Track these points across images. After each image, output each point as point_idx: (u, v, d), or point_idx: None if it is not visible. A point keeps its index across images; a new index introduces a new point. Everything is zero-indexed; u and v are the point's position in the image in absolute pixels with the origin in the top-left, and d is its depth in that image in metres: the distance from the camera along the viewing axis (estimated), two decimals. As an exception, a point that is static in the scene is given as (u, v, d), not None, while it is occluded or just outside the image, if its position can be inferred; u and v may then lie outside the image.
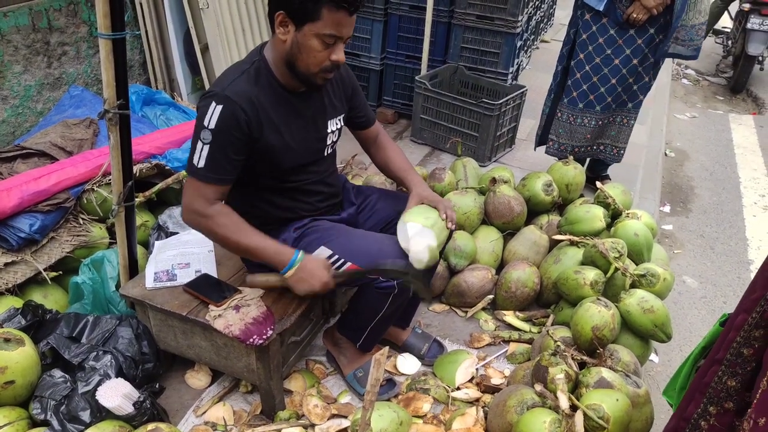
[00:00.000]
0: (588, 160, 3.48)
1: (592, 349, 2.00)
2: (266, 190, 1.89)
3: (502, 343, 2.38)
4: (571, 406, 1.68)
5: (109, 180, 2.33)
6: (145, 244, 2.49)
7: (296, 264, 1.75)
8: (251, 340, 1.78)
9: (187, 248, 2.14)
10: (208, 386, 2.11)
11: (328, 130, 1.92)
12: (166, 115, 3.10)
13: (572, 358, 1.92)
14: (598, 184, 2.72)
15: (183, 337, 1.98)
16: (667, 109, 5.34)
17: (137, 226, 2.11)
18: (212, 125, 1.65)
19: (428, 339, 2.30)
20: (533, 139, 3.57)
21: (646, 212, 2.63)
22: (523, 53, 4.68)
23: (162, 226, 2.47)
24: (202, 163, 1.68)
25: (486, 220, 2.74)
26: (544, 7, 5.65)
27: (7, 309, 2.00)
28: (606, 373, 1.79)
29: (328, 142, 1.95)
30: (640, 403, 1.78)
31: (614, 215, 2.64)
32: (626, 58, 2.96)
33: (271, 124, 1.75)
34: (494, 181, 2.76)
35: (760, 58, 6.17)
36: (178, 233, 2.35)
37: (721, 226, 3.85)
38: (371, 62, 4.17)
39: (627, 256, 2.34)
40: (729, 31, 6.93)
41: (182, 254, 2.11)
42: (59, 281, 2.32)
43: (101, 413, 1.75)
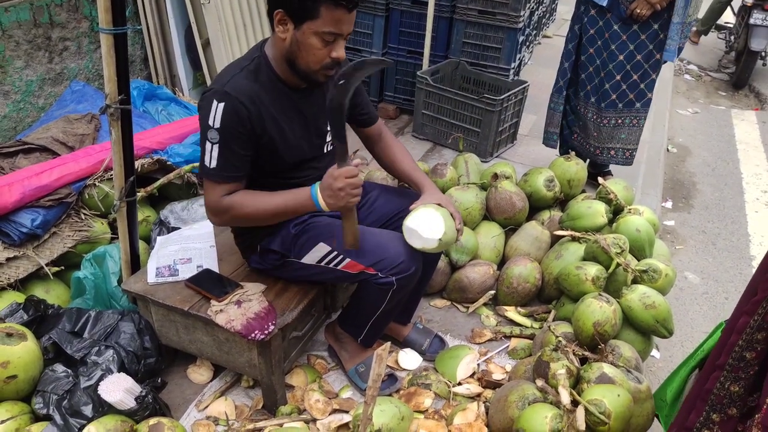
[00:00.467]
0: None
1: (594, 344, 2.00)
2: (267, 187, 1.88)
3: (503, 338, 2.38)
4: (573, 401, 1.68)
5: (111, 175, 2.35)
6: (146, 240, 2.49)
7: (317, 194, 1.71)
8: (253, 335, 1.79)
9: (189, 243, 2.15)
10: (210, 381, 2.11)
11: (327, 127, 1.91)
12: (168, 110, 3.09)
13: (573, 353, 1.92)
14: (600, 179, 2.71)
15: (185, 332, 1.98)
16: (669, 104, 5.32)
17: (139, 222, 2.11)
18: (217, 124, 1.65)
19: (429, 334, 2.31)
20: (535, 134, 3.56)
21: (648, 208, 2.63)
22: (525, 48, 4.67)
23: (164, 221, 2.47)
24: (214, 164, 1.68)
25: (487, 215, 2.74)
26: (546, 2, 5.64)
27: (9, 304, 2.00)
28: (607, 368, 1.80)
29: (328, 139, 1.94)
30: (641, 399, 1.79)
31: (616, 211, 2.64)
32: (630, 54, 2.95)
33: (272, 119, 1.74)
34: (496, 176, 2.76)
35: (763, 54, 6.15)
36: (179, 228, 2.35)
37: (723, 221, 3.84)
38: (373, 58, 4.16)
39: (629, 252, 2.34)
40: (731, 26, 6.90)
41: (184, 249, 2.11)
42: (61, 276, 2.32)
43: (103, 408, 1.75)
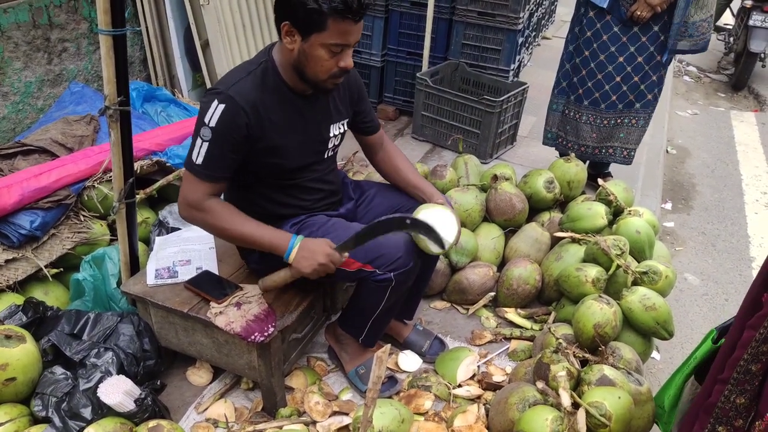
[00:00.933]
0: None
1: (594, 346, 1.99)
2: (265, 187, 1.89)
3: (503, 340, 2.38)
4: (573, 403, 1.67)
5: (110, 177, 2.34)
6: (146, 241, 2.48)
7: (296, 245, 1.74)
8: (252, 337, 1.78)
9: (188, 245, 2.14)
10: (210, 383, 2.11)
11: (330, 134, 1.91)
12: (167, 111, 3.09)
13: (574, 355, 1.92)
14: (600, 181, 2.71)
15: (184, 334, 1.97)
16: (668, 106, 5.33)
17: (138, 223, 2.11)
18: (212, 123, 1.65)
19: (429, 336, 2.30)
20: (535, 136, 3.56)
21: (648, 209, 2.63)
22: (525, 50, 4.67)
23: (163, 222, 2.47)
24: (200, 160, 1.68)
25: (487, 217, 2.74)
26: (545, 3, 5.64)
27: (8, 306, 1.99)
28: (608, 370, 1.79)
29: (330, 146, 1.94)
30: (641, 401, 1.78)
31: (616, 212, 2.64)
32: (630, 55, 2.95)
33: (273, 126, 1.74)
34: (496, 178, 2.76)
35: (762, 55, 6.15)
36: (179, 229, 2.35)
37: (722, 223, 3.84)
38: (372, 59, 4.16)
39: (629, 254, 2.34)
40: (731, 28, 6.91)
41: (183, 251, 2.11)
42: (60, 278, 2.31)
43: (102, 410, 1.75)
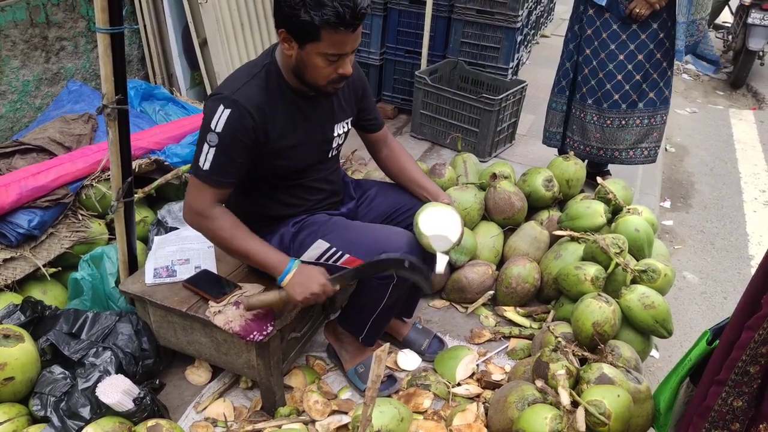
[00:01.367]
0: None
1: (593, 344, 1.99)
2: (268, 188, 1.89)
3: (502, 339, 2.38)
4: (572, 402, 1.68)
5: (108, 176, 2.33)
6: (144, 240, 2.48)
7: (293, 270, 1.73)
8: (251, 336, 1.78)
9: (187, 244, 2.14)
10: (208, 382, 2.11)
11: (334, 133, 1.91)
12: (165, 110, 3.08)
13: (573, 354, 1.92)
14: (599, 179, 2.71)
15: (183, 333, 1.97)
16: (667, 104, 5.32)
17: (136, 222, 2.10)
18: (219, 129, 1.64)
19: (429, 335, 2.30)
20: (534, 134, 3.56)
21: (647, 208, 2.63)
22: (524, 48, 4.67)
23: (161, 221, 2.46)
24: (207, 166, 1.68)
25: (486, 215, 2.74)
26: (544, 1, 5.64)
27: (7, 305, 1.99)
28: (607, 368, 1.79)
29: (334, 145, 1.94)
30: (641, 399, 1.78)
31: (615, 211, 2.63)
32: (631, 53, 2.94)
33: (278, 128, 1.74)
34: (494, 176, 2.75)
35: (761, 53, 6.15)
36: (177, 228, 2.34)
37: (721, 221, 3.85)
38: (371, 57, 4.15)
39: (628, 252, 2.34)
40: (729, 26, 6.91)
41: (182, 250, 2.11)
42: (58, 277, 2.31)
43: (101, 409, 1.75)
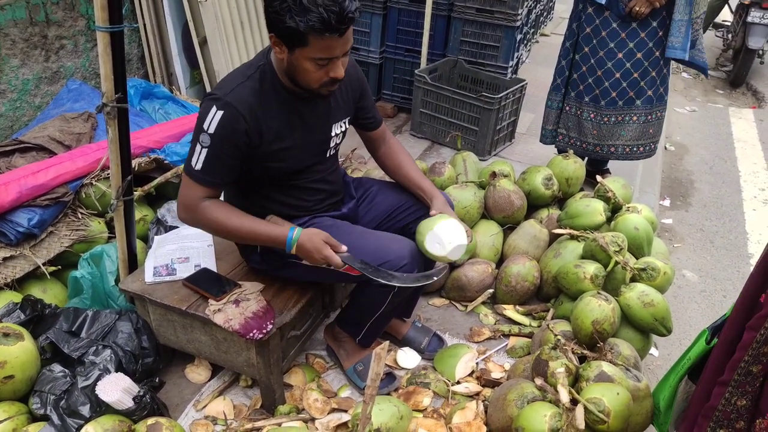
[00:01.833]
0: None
1: (593, 343, 1.99)
2: (267, 189, 1.88)
3: (502, 337, 2.38)
4: (572, 399, 1.68)
5: (108, 174, 2.33)
6: (144, 239, 2.48)
7: (294, 243, 1.75)
8: (251, 334, 1.78)
9: (187, 242, 2.14)
10: (208, 381, 2.11)
11: (332, 133, 1.90)
12: (165, 109, 3.08)
13: (572, 352, 1.92)
14: (598, 178, 2.71)
15: (183, 331, 1.97)
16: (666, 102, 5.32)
17: (136, 221, 2.10)
18: (211, 130, 1.64)
19: (428, 333, 2.30)
20: (533, 133, 3.56)
21: (646, 206, 2.63)
22: (523, 47, 4.67)
23: (161, 219, 2.46)
24: (199, 166, 1.68)
25: (486, 214, 2.74)
26: (543, 0, 5.63)
27: (6, 304, 1.99)
28: (606, 366, 1.79)
29: (332, 145, 1.93)
30: (640, 397, 1.78)
31: (614, 209, 2.64)
32: (629, 51, 2.94)
33: (273, 130, 1.73)
34: (494, 175, 2.76)
35: (761, 52, 6.16)
36: (177, 227, 2.34)
37: (720, 219, 3.85)
38: (370, 56, 4.15)
39: (627, 250, 2.34)
40: (729, 24, 6.90)
41: (181, 249, 2.11)
42: (58, 276, 2.31)
43: (101, 408, 1.75)
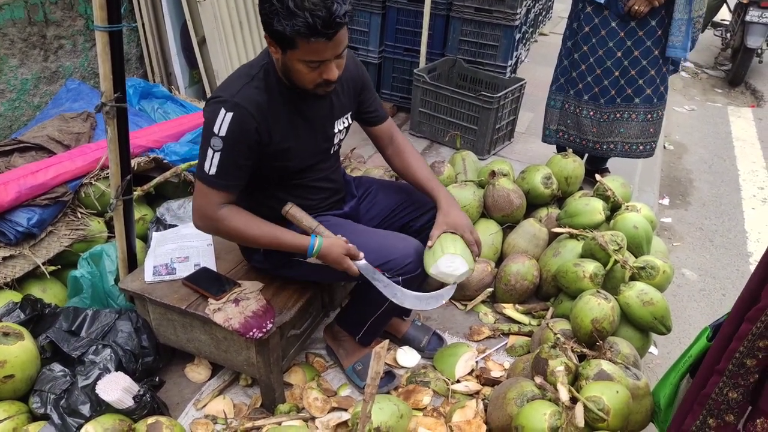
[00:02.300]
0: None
1: (592, 341, 2.00)
2: (271, 188, 1.88)
3: (501, 335, 2.38)
4: (571, 398, 1.68)
5: (107, 174, 2.33)
6: (143, 238, 2.48)
7: (315, 253, 1.77)
8: (251, 333, 1.78)
9: (186, 242, 2.14)
10: (208, 380, 2.11)
11: (335, 129, 1.90)
12: (164, 108, 3.08)
13: (572, 350, 1.92)
14: (598, 176, 2.71)
15: (182, 330, 1.97)
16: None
17: (135, 220, 2.10)
18: (222, 133, 1.64)
19: (428, 332, 2.30)
20: (532, 132, 3.56)
21: (646, 205, 2.63)
22: (522, 46, 4.67)
23: (160, 219, 2.46)
24: (213, 171, 1.67)
25: (485, 213, 2.74)
26: (542, -1, 5.64)
27: (6, 303, 1.99)
28: (606, 365, 1.80)
29: (335, 141, 1.93)
30: (639, 395, 1.79)
31: (613, 208, 2.64)
32: (628, 50, 2.95)
33: (279, 128, 1.73)
34: (493, 174, 2.76)
35: (759, 51, 6.16)
36: (176, 226, 2.34)
37: (720, 218, 3.85)
38: (369, 55, 4.15)
39: (626, 249, 2.34)
40: (728, 23, 6.91)
41: (181, 248, 2.11)
42: (58, 275, 2.31)
43: (101, 407, 1.75)
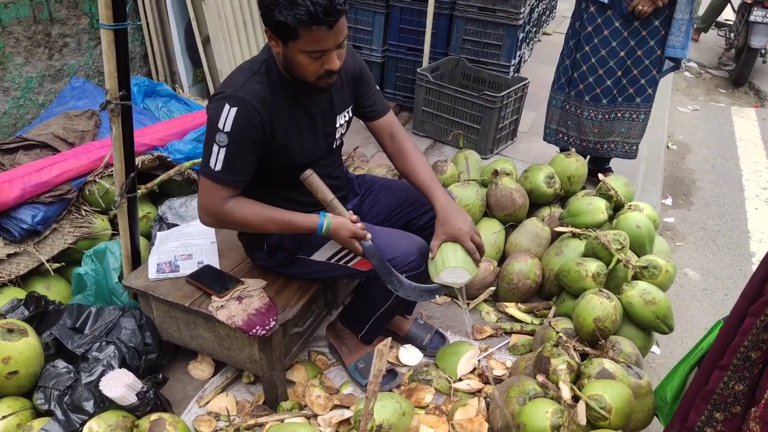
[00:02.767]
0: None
1: (594, 340, 2.00)
2: (273, 185, 1.88)
3: (503, 334, 2.38)
4: (573, 396, 1.68)
5: (111, 171, 2.35)
6: (147, 236, 2.49)
7: (324, 232, 1.78)
8: (254, 330, 1.79)
9: (190, 239, 2.15)
10: (211, 377, 2.12)
11: (336, 124, 1.91)
12: (168, 107, 3.09)
13: (574, 349, 1.93)
14: (601, 176, 2.71)
15: (186, 328, 1.98)
16: (669, 101, 5.32)
17: (139, 218, 2.11)
18: (227, 128, 1.64)
19: (430, 330, 2.31)
20: (535, 131, 3.56)
21: (648, 204, 2.63)
22: (525, 45, 4.67)
23: (163, 217, 2.47)
24: (219, 166, 1.67)
25: (488, 212, 2.74)
26: (546, -1, 5.64)
27: (10, 300, 2.01)
28: (608, 364, 1.80)
29: (337, 136, 1.93)
30: (641, 394, 1.79)
31: (616, 207, 2.64)
32: (631, 49, 2.95)
33: (283, 123, 1.74)
34: (496, 173, 2.76)
35: (763, 51, 6.14)
36: (177, 225, 2.35)
37: (722, 218, 3.85)
38: (373, 54, 4.15)
39: (629, 248, 2.34)
40: (731, 23, 6.90)
41: (185, 245, 2.12)
42: (62, 272, 2.32)
43: (104, 403, 1.76)
